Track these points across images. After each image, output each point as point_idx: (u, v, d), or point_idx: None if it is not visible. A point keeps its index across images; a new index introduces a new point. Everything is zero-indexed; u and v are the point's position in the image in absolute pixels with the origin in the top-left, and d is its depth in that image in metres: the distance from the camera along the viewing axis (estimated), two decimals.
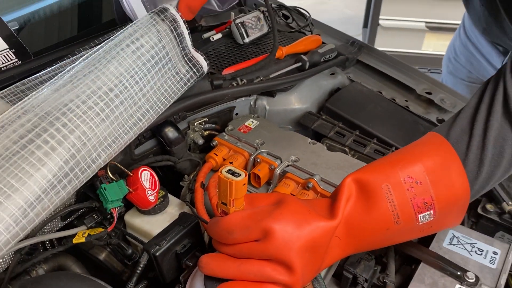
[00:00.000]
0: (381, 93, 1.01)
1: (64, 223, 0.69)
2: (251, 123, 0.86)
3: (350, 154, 0.83)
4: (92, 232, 0.65)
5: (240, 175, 0.48)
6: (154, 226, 0.68)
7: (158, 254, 0.60)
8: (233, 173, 0.49)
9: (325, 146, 0.82)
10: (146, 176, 0.69)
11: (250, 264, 0.50)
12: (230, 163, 0.77)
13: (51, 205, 0.54)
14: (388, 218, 0.53)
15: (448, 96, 0.98)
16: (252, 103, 0.96)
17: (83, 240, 0.63)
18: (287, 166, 0.75)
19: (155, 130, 0.79)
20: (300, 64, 0.97)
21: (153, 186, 0.69)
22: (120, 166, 0.68)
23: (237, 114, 0.95)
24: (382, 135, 0.87)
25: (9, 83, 0.70)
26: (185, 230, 0.64)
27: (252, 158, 0.78)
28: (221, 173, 0.49)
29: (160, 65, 0.70)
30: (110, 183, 0.65)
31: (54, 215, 0.64)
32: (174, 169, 0.82)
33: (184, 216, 0.67)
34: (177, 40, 0.73)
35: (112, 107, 0.61)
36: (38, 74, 0.71)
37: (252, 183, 0.77)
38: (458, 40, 1.30)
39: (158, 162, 0.79)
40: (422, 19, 2.67)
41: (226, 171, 0.49)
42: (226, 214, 0.52)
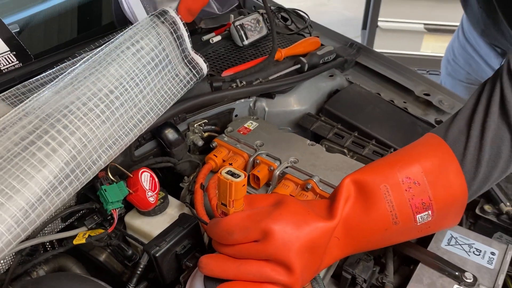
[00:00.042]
0: (379, 94, 1.01)
1: (65, 224, 0.69)
2: (251, 124, 0.86)
3: (349, 156, 0.83)
4: (93, 233, 0.65)
5: (240, 176, 0.49)
6: (154, 227, 0.68)
7: (158, 255, 0.60)
8: (232, 174, 0.49)
9: (324, 147, 0.82)
10: (146, 178, 0.69)
11: (249, 264, 0.50)
12: (230, 164, 0.78)
13: (52, 206, 0.54)
14: (386, 218, 0.53)
15: (446, 98, 0.98)
16: (251, 105, 0.96)
17: (84, 241, 0.63)
18: (286, 168, 0.75)
19: (155, 132, 0.79)
20: (299, 66, 0.97)
21: (153, 188, 0.69)
22: (120, 168, 0.68)
23: (236, 115, 0.95)
24: (380, 136, 0.87)
25: (10, 85, 0.70)
26: (185, 231, 0.64)
27: (251, 159, 0.78)
28: (220, 174, 0.49)
29: (160, 67, 0.70)
30: (111, 184, 0.65)
31: (54, 216, 0.64)
32: (174, 170, 0.82)
33: (184, 217, 0.67)
34: (177, 42, 0.73)
35: (112, 109, 0.62)
36: (39, 76, 0.71)
37: (252, 184, 0.77)
38: (457, 41, 1.30)
39: (158, 164, 0.79)
40: (420, 21, 2.67)
41: (225, 172, 0.49)
42: (225, 215, 0.52)
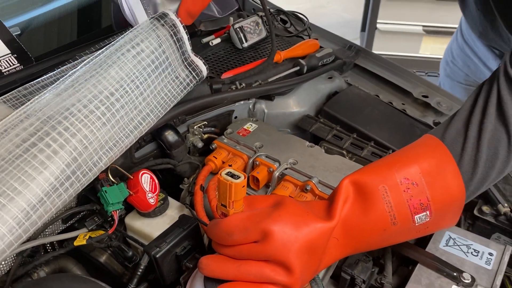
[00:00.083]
0: (378, 96, 1.02)
1: (65, 226, 0.69)
2: (250, 126, 0.87)
3: (347, 157, 0.84)
4: (93, 234, 0.65)
5: (240, 177, 0.49)
6: (154, 228, 0.69)
7: (158, 256, 0.61)
8: (232, 175, 0.49)
9: (323, 149, 0.82)
10: (146, 179, 0.69)
11: (249, 265, 0.51)
12: (229, 166, 0.78)
13: (53, 207, 0.54)
14: (385, 219, 0.53)
15: (445, 100, 0.98)
16: (251, 107, 0.96)
17: (84, 242, 0.63)
18: (286, 169, 0.76)
19: (155, 134, 0.80)
20: (298, 68, 0.97)
21: (153, 189, 0.70)
22: (121, 169, 0.69)
23: (236, 117, 0.95)
24: (379, 138, 0.88)
25: (11, 88, 0.70)
26: (185, 232, 0.64)
27: (251, 161, 0.78)
28: (220, 175, 0.49)
29: (160, 69, 0.70)
30: (111, 186, 0.65)
31: (55, 217, 0.64)
32: (174, 172, 0.83)
33: (184, 218, 0.67)
34: (177, 45, 0.74)
35: (113, 111, 0.62)
36: (40, 79, 0.71)
37: (251, 186, 0.77)
38: (456, 43, 1.30)
39: (158, 165, 0.79)
40: (419, 23, 2.67)
41: (225, 174, 0.49)
42: (225, 216, 0.52)
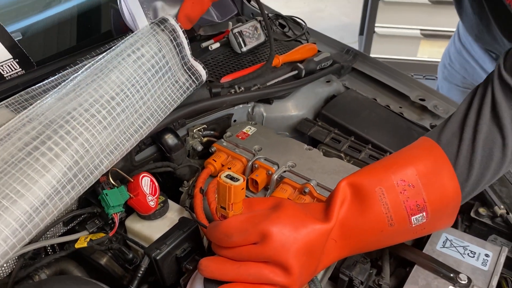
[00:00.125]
0: (375, 100, 1.02)
1: (66, 228, 0.70)
2: (249, 129, 0.87)
3: (345, 160, 0.84)
4: (94, 237, 0.65)
5: (239, 180, 0.50)
6: (155, 231, 0.69)
7: (158, 258, 0.61)
8: (231, 178, 0.50)
9: (321, 152, 0.83)
10: (146, 182, 0.70)
11: (248, 266, 0.51)
12: (229, 169, 0.79)
13: (55, 210, 0.55)
14: (382, 220, 0.54)
15: (441, 103, 0.99)
16: (249, 110, 0.97)
17: (85, 245, 0.64)
18: (284, 172, 0.76)
19: (155, 137, 0.80)
20: (296, 72, 0.98)
21: (153, 192, 0.70)
22: (121, 173, 0.69)
23: (235, 121, 0.96)
24: (377, 141, 0.88)
25: (13, 92, 0.71)
26: (185, 235, 0.64)
27: (250, 163, 0.79)
28: (220, 178, 0.50)
29: (160, 74, 0.71)
30: (112, 189, 0.66)
31: (57, 220, 0.65)
32: (174, 175, 0.83)
33: (183, 220, 0.68)
34: (176, 49, 0.74)
35: (114, 115, 0.63)
36: (41, 83, 0.72)
37: (250, 188, 0.77)
38: (453, 47, 1.31)
39: (158, 168, 0.80)
40: (417, 26, 2.68)
41: (225, 176, 0.50)
42: (225, 218, 0.53)
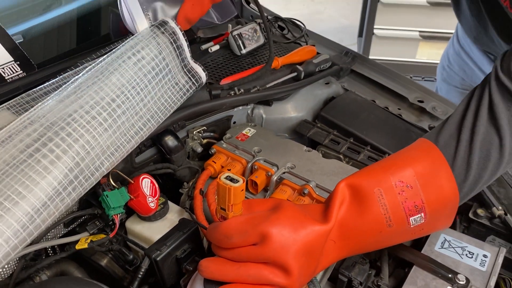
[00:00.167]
0: (374, 101, 1.02)
1: (67, 230, 0.70)
2: (249, 131, 0.87)
3: (344, 161, 0.84)
4: (94, 238, 0.66)
5: (238, 181, 0.50)
6: (155, 232, 0.69)
7: (159, 259, 0.61)
8: (231, 179, 0.50)
9: (320, 153, 0.83)
10: (146, 184, 0.70)
11: (248, 267, 0.51)
12: (228, 170, 0.79)
13: (57, 211, 0.55)
14: (380, 221, 0.54)
15: (440, 104, 0.99)
16: (249, 112, 0.97)
17: (86, 246, 0.64)
18: (284, 173, 0.76)
19: (155, 139, 0.81)
20: (295, 74, 0.98)
21: (153, 193, 0.70)
22: (122, 174, 0.69)
23: (234, 122, 0.96)
24: (375, 142, 0.88)
25: (14, 94, 0.71)
26: (185, 236, 0.65)
27: (249, 165, 0.79)
28: (220, 179, 0.50)
29: (161, 76, 0.72)
30: (112, 190, 0.66)
31: (57, 221, 0.65)
32: (174, 176, 0.83)
33: (183, 222, 0.68)
34: (176, 52, 0.75)
35: (114, 117, 0.63)
36: (42, 86, 0.72)
37: (250, 190, 0.78)
38: (452, 48, 1.31)
39: (158, 170, 0.80)
40: (416, 28, 2.68)
41: (224, 178, 0.50)
42: (224, 219, 0.53)
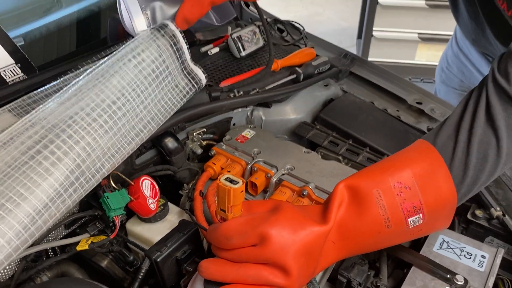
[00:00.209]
0: (373, 103, 1.02)
1: (68, 231, 0.70)
2: (248, 133, 0.88)
3: (343, 163, 0.85)
4: (95, 239, 0.66)
5: (238, 182, 0.50)
6: (155, 233, 0.69)
7: (159, 260, 0.62)
8: (231, 181, 0.50)
9: (319, 155, 0.83)
10: (146, 185, 0.70)
11: (248, 268, 0.52)
12: (228, 172, 0.79)
13: (58, 213, 0.56)
14: (379, 222, 0.54)
15: (438, 106, 0.99)
16: (248, 114, 0.97)
17: (87, 247, 0.64)
18: (283, 175, 0.77)
19: (155, 141, 0.81)
20: (295, 76, 0.98)
21: (153, 195, 0.70)
22: (122, 176, 0.70)
23: (234, 124, 0.96)
24: (374, 144, 0.89)
25: (16, 97, 0.72)
26: (185, 237, 0.65)
27: (249, 167, 0.79)
28: (219, 181, 0.50)
29: (161, 78, 0.72)
30: (113, 192, 0.67)
31: (58, 223, 0.65)
32: (174, 178, 0.84)
33: (184, 223, 0.68)
34: (176, 54, 0.75)
35: (115, 119, 0.64)
36: (43, 88, 0.72)
37: (249, 191, 0.78)
38: (451, 50, 1.32)
39: (158, 172, 0.80)
40: (415, 30, 2.69)
41: (224, 179, 0.50)
42: (224, 220, 0.53)
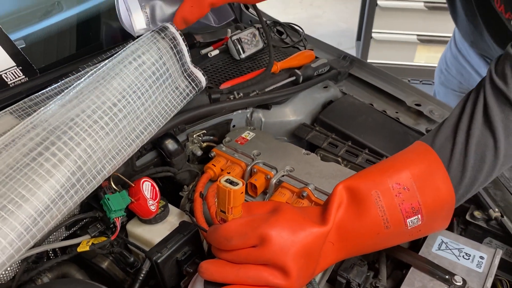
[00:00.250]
0: (372, 105, 1.03)
1: (69, 233, 0.70)
2: (248, 134, 0.88)
3: (343, 164, 0.85)
4: (96, 241, 0.66)
5: (238, 184, 0.50)
6: (155, 234, 0.69)
7: (160, 261, 0.62)
8: (231, 182, 0.51)
9: (319, 156, 0.84)
10: (147, 187, 0.70)
11: (248, 269, 0.52)
12: (228, 173, 0.79)
13: (59, 214, 0.56)
14: (378, 223, 0.55)
15: (437, 108, 1.00)
16: (248, 116, 0.97)
17: (87, 248, 0.65)
18: (283, 176, 0.77)
19: (155, 143, 0.81)
20: (294, 78, 0.99)
21: (154, 196, 0.70)
22: (123, 177, 0.70)
23: (234, 126, 0.97)
24: (373, 145, 0.89)
25: (17, 99, 0.72)
26: (185, 238, 0.65)
27: (249, 168, 0.79)
28: (220, 182, 0.51)
29: (161, 80, 0.72)
30: (113, 193, 0.67)
31: (59, 224, 0.66)
32: (174, 179, 0.84)
33: (184, 224, 0.68)
34: (176, 57, 0.76)
35: (116, 121, 0.64)
36: (44, 90, 0.73)
37: (249, 193, 0.78)
38: (449, 52, 1.32)
39: (159, 173, 0.80)
40: (414, 32, 2.70)
41: (224, 181, 0.51)
42: (224, 221, 0.54)
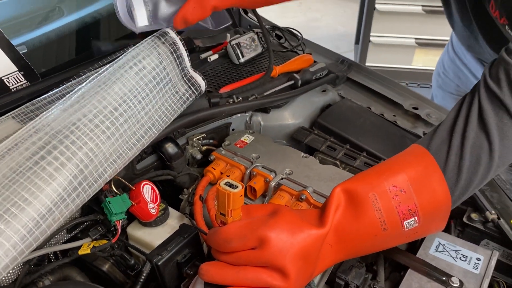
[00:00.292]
0: (370, 108, 1.03)
1: (70, 236, 0.71)
2: (247, 138, 0.88)
3: (341, 167, 0.85)
4: (97, 244, 0.66)
5: (238, 187, 0.51)
6: (156, 237, 0.70)
7: (160, 263, 0.62)
8: (230, 185, 0.51)
9: (317, 159, 0.84)
10: (147, 190, 0.71)
11: (247, 270, 0.52)
12: (227, 177, 0.80)
13: (61, 217, 0.57)
14: (375, 225, 0.55)
15: (434, 111, 1.00)
16: (247, 119, 0.98)
17: (89, 251, 0.65)
18: (282, 179, 0.77)
19: (155, 146, 0.82)
20: (292, 82, 0.99)
21: (154, 199, 0.71)
22: (123, 181, 0.71)
23: (233, 129, 0.97)
24: (371, 148, 0.89)
25: (19, 104, 0.73)
26: (185, 241, 0.66)
27: (248, 171, 0.80)
28: (219, 185, 0.51)
29: (161, 85, 0.73)
30: (114, 196, 0.67)
31: (60, 227, 0.66)
32: (174, 183, 0.84)
33: (184, 227, 0.69)
34: (176, 61, 0.77)
35: (117, 125, 0.65)
36: (46, 95, 0.74)
37: (248, 196, 0.79)
38: (447, 55, 1.33)
39: (159, 177, 0.81)
40: (412, 35, 2.71)
41: (224, 184, 0.51)
42: (224, 224, 0.54)
